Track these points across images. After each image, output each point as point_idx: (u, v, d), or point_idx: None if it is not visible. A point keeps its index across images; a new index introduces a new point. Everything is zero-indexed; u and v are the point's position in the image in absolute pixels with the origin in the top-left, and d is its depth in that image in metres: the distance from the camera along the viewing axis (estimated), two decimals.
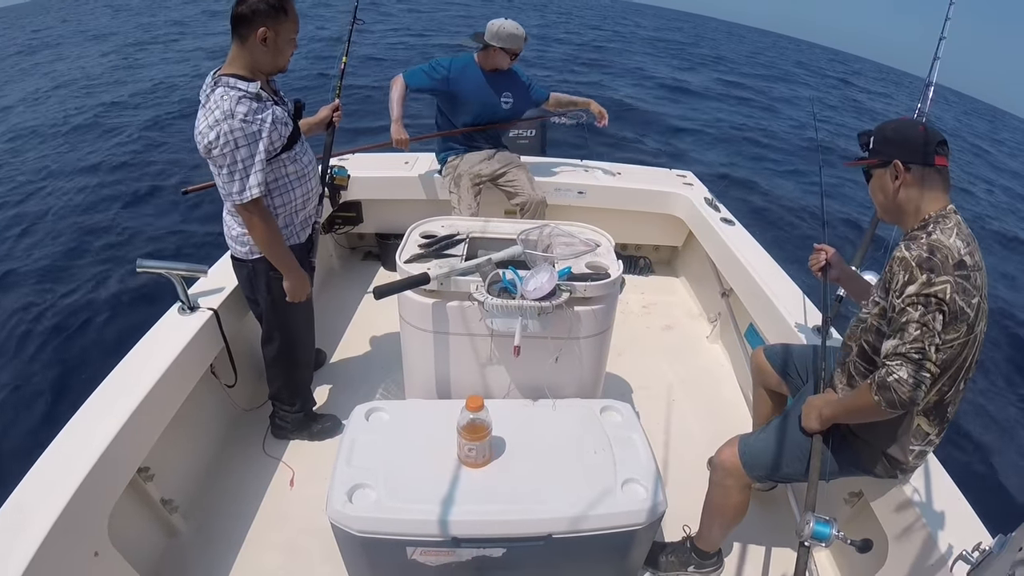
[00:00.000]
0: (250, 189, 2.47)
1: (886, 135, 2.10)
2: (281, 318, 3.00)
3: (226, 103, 2.36)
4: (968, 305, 1.90)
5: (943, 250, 1.89)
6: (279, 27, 2.45)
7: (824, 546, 2.04)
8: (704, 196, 4.97)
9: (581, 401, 2.63)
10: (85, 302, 6.07)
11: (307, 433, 3.36)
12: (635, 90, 20.24)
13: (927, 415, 2.15)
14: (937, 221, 2.00)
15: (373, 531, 1.99)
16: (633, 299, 5.03)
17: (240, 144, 2.39)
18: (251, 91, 2.43)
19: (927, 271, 1.87)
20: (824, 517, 2.03)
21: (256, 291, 2.92)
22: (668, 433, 3.53)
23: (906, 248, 1.95)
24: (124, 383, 2.53)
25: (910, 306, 1.88)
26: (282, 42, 2.50)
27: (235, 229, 2.75)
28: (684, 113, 17.99)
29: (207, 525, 2.88)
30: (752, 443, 2.49)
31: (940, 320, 1.87)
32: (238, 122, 2.36)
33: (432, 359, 2.69)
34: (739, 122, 18.08)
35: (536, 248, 2.71)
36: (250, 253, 2.77)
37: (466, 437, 2.12)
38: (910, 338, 1.87)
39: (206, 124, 2.37)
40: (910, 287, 1.89)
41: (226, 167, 2.42)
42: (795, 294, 3.59)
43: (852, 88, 37.92)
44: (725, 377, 4.21)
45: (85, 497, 2.07)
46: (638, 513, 2.09)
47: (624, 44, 36.69)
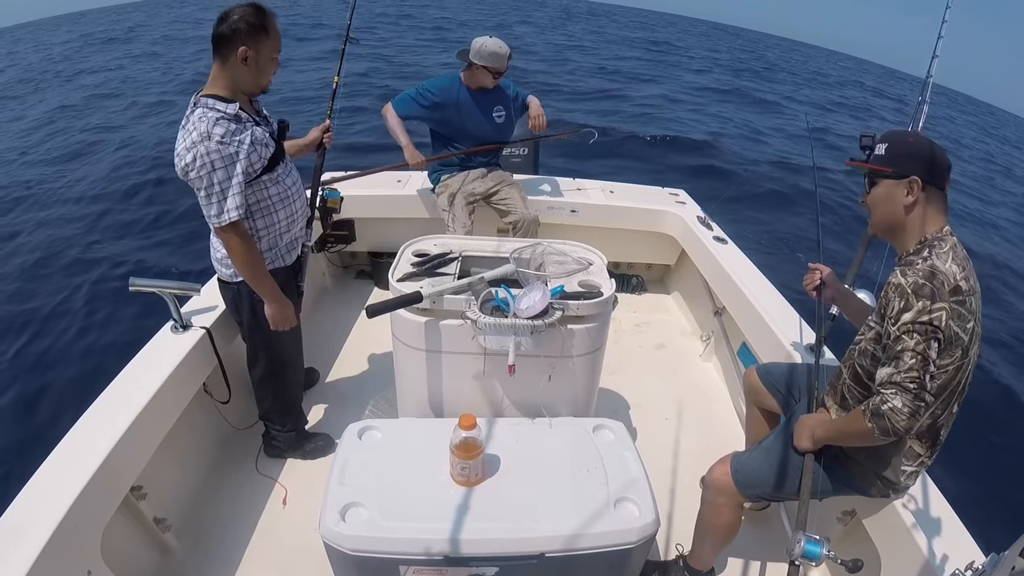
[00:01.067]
0: (227, 212, 2.45)
1: (907, 149, 2.03)
2: (266, 340, 2.98)
3: (203, 125, 2.35)
4: (963, 330, 1.90)
5: (939, 276, 1.88)
6: (260, 46, 2.45)
7: (814, 565, 2.05)
8: (697, 214, 4.98)
9: (574, 419, 2.63)
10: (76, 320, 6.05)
11: (300, 452, 3.35)
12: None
13: (920, 438, 2.14)
14: (933, 244, 1.99)
15: (366, 550, 1.98)
16: (626, 317, 5.03)
17: (217, 166, 2.38)
18: (229, 112, 2.42)
19: (924, 298, 1.86)
20: (815, 536, 2.03)
21: (240, 313, 2.91)
22: (661, 451, 3.53)
23: (902, 274, 1.95)
24: (117, 401, 2.53)
25: (906, 334, 1.88)
26: (263, 61, 2.50)
27: (219, 251, 2.74)
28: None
29: (200, 544, 2.87)
30: (745, 461, 2.49)
31: (936, 348, 1.86)
32: (215, 144, 2.35)
33: (425, 377, 2.69)
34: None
35: (529, 266, 2.71)
36: (234, 275, 2.76)
37: (459, 455, 2.12)
38: (906, 367, 1.87)
39: (183, 146, 2.37)
40: (906, 315, 1.88)
41: (203, 189, 2.42)
42: (788, 313, 3.60)
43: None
44: (718, 395, 4.21)
45: (78, 515, 2.06)
46: (631, 532, 2.09)
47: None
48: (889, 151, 2.05)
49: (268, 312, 2.80)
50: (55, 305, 6.29)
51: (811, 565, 2.06)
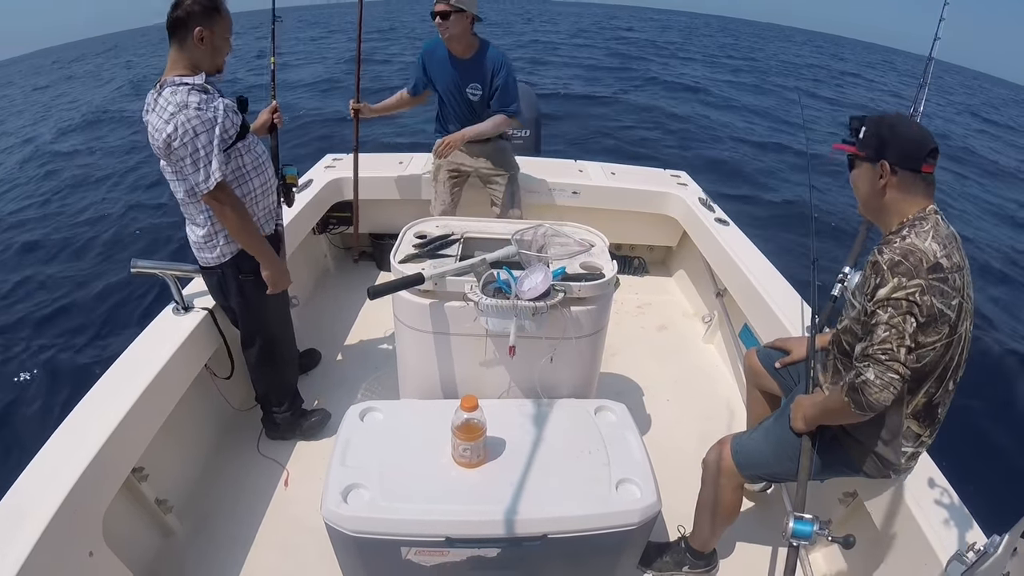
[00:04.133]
0: (213, 174, 2.47)
1: (880, 132, 2.04)
2: (258, 320, 3.00)
3: (177, 96, 2.39)
4: (947, 307, 1.90)
5: (916, 254, 1.89)
6: (214, 26, 2.50)
7: (808, 544, 2.05)
8: (698, 196, 4.97)
9: (576, 401, 2.63)
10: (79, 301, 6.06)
11: (299, 431, 3.36)
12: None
13: (917, 417, 2.14)
14: (913, 224, 1.99)
15: (367, 531, 1.99)
16: (628, 299, 5.03)
17: (199, 131, 2.41)
18: (198, 83, 2.47)
19: (899, 275, 1.87)
20: (805, 516, 2.04)
21: (228, 297, 2.92)
22: (662, 433, 3.54)
23: (879, 252, 1.96)
24: (118, 383, 2.53)
25: (880, 309, 1.89)
26: (218, 40, 2.55)
27: (198, 235, 2.74)
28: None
29: (202, 525, 2.88)
30: (744, 442, 2.50)
31: (912, 322, 1.87)
32: (193, 111, 2.39)
33: (427, 359, 2.69)
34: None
35: (530, 248, 2.70)
36: (220, 257, 2.76)
37: (461, 437, 2.12)
38: (878, 339, 1.88)
39: (161, 120, 2.40)
40: (881, 290, 1.89)
41: (188, 156, 2.43)
42: (790, 294, 3.59)
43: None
44: (719, 377, 4.22)
45: (80, 497, 2.07)
46: (632, 513, 2.09)
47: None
48: (866, 134, 2.07)
49: (265, 274, 2.82)
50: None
51: (805, 544, 2.06)
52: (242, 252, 2.77)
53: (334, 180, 4.78)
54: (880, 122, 2.06)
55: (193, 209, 2.67)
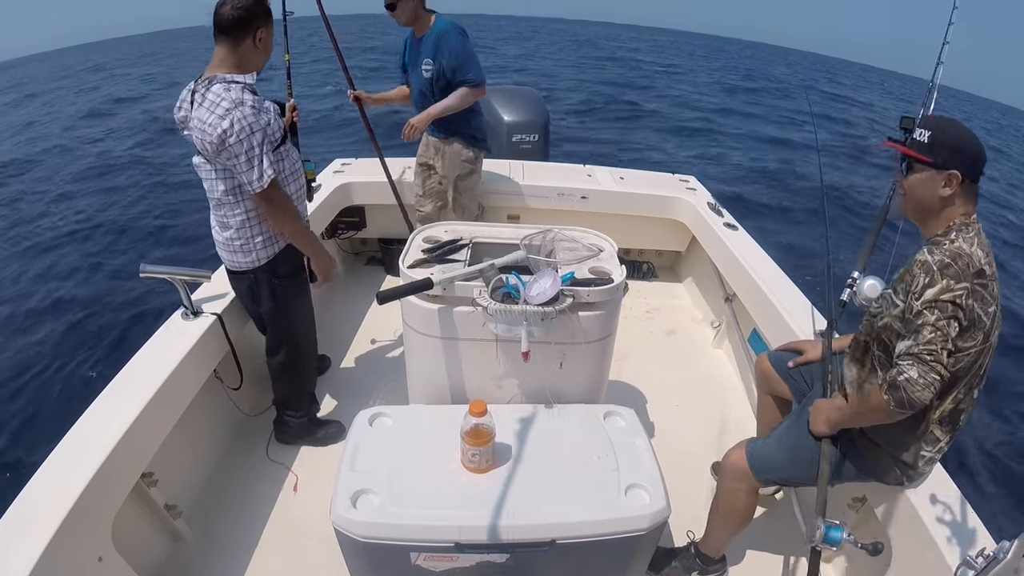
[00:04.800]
0: (266, 172, 2.50)
1: (950, 141, 1.99)
2: (287, 325, 3.02)
3: (232, 93, 2.40)
4: (985, 313, 1.92)
5: (964, 257, 1.90)
6: (270, 27, 2.55)
7: (834, 550, 2.05)
8: (707, 201, 4.97)
9: (584, 406, 2.63)
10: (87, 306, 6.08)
11: (311, 438, 3.36)
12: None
13: (941, 423, 2.15)
14: (960, 229, 1.98)
15: (377, 536, 1.99)
16: (636, 304, 5.02)
17: (255, 129, 2.42)
18: (249, 83, 2.49)
19: (948, 277, 1.87)
20: (835, 522, 2.05)
21: (259, 301, 2.93)
22: (671, 438, 3.53)
23: (928, 252, 1.95)
24: (127, 388, 2.54)
25: (927, 309, 1.88)
26: (270, 42, 2.59)
27: (230, 237, 2.75)
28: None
29: (211, 530, 2.89)
30: (760, 446, 2.50)
31: (955, 326, 1.87)
32: (248, 108, 2.40)
33: (435, 364, 2.68)
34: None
35: (539, 253, 2.71)
36: (255, 261, 2.78)
37: (469, 442, 2.12)
38: (923, 340, 1.87)
39: (215, 116, 2.39)
40: (929, 291, 1.89)
41: (243, 154, 2.44)
42: (799, 299, 3.59)
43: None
44: (728, 382, 4.21)
45: (89, 502, 2.08)
46: (641, 519, 2.08)
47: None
48: (932, 140, 2.00)
49: (317, 266, 2.90)
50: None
51: (831, 550, 2.07)
52: (278, 256, 2.81)
53: (343, 185, 4.79)
54: (946, 130, 2.01)
55: (228, 210, 2.68)
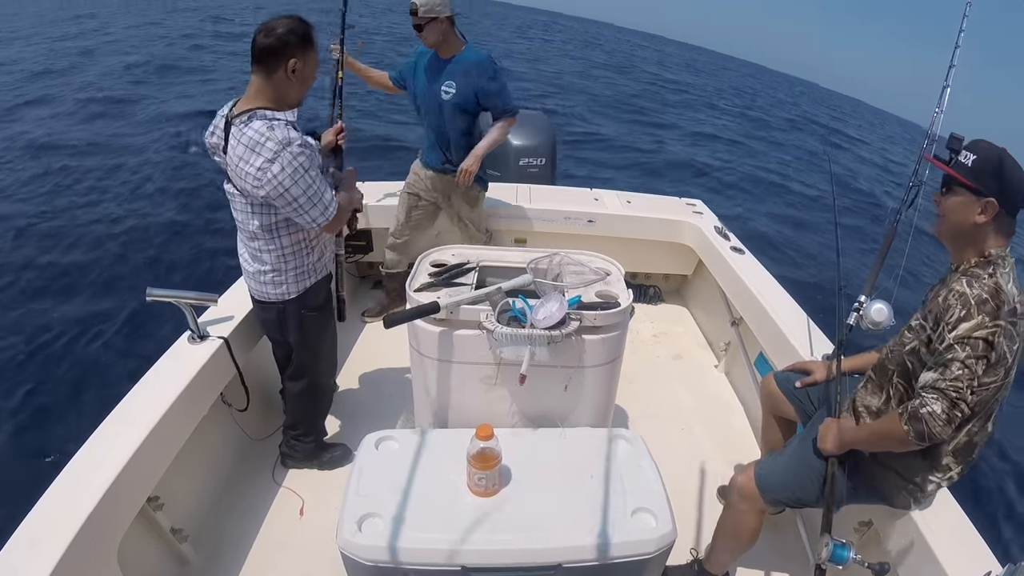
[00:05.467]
0: (330, 206, 2.51)
1: (994, 169, 1.95)
2: (312, 357, 3.03)
3: (278, 132, 2.32)
4: (1010, 351, 1.91)
5: (1001, 295, 1.88)
6: (307, 58, 2.43)
7: (841, 569, 2.04)
8: (714, 225, 4.98)
9: (591, 430, 2.63)
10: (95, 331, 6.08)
11: (317, 462, 3.36)
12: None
13: (955, 454, 2.15)
14: (997, 263, 1.96)
15: (383, 560, 1.98)
16: (643, 328, 5.02)
17: (307, 167, 2.38)
18: (291, 119, 2.43)
19: (984, 313, 1.86)
20: (841, 540, 2.04)
21: (286, 332, 2.93)
22: (678, 462, 3.51)
23: (968, 285, 1.92)
24: (134, 412, 2.54)
25: (959, 344, 1.87)
26: (308, 73, 2.47)
27: (262, 270, 2.73)
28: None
29: (217, 554, 2.88)
30: (768, 466, 2.51)
31: (983, 364, 1.86)
32: (296, 147, 2.34)
33: (442, 388, 2.69)
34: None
35: (546, 277, 2.72)
36: (285, 294, 2.77)
37: (476, 466, 2.12)
38: (952, 376, 1.86)
39: (264, 160, 2.32)
40: (964, 324, 1.87)
41: (303, 194, 2.41)
42: (806, 323, 3.58)
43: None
44: (735, 406, 4.20)
45: (95, 526, 2.08)
46: (648, 543, 2.08)
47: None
48: (976, 164, 1.98)
49: (348, 198, 2.82)
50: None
51: (837, 569, 2.06)
52: (308, 290, 2.80)
53: None
54: (994, 158, 1.97)
55: (263, 244, 2.64)
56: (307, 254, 2.74)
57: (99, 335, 6.01)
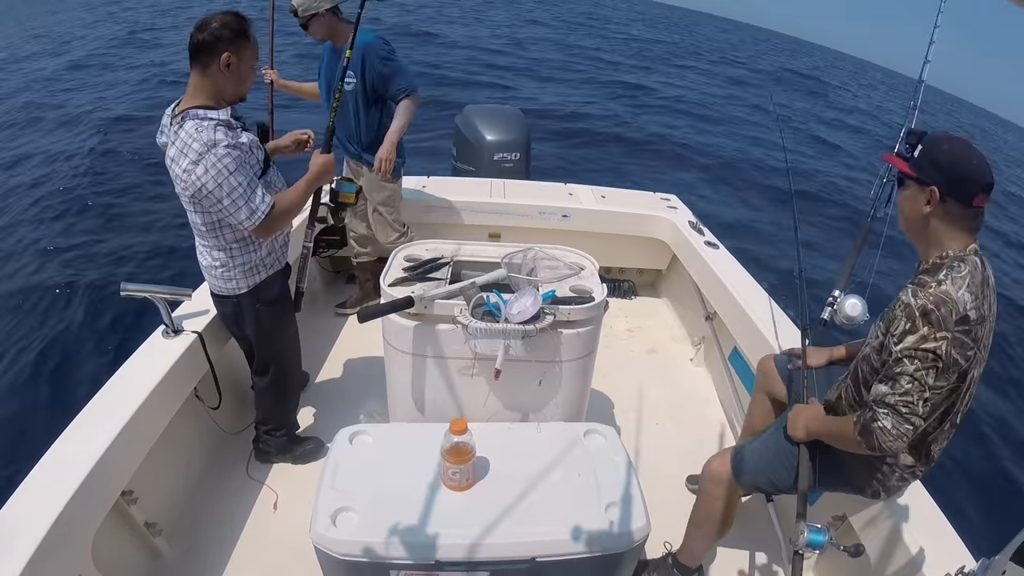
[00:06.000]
0: (259, 209, 2.46)
1: (937, 158, 1.94)
2: (274, 350, 3.02)
3: (204, 134, 2.32)
4: (963, 357, 1.90)
5: (948, 304, 1.85)
6: (241, 52, 2.43)
7: (817, 553, 2.06)
8: (688, 219, 5.00)
9: (565, 424, 2.64)
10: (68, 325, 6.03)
11: (290, 456, 3.35)
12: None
13: (914, 452, 2.17)
14: (952, 266, 1.93)
15: (356, 554, 1.98)
16: (617, 323, 5.04)
17: (231, 169, 2.36)
18: (222, 118, 2.41)
19: (929, 324, 1.84)
20: (816, 525, 2.06)
21: (243, 326, 2.92)
22: (652, 456, 3.53)
23: (913, 295, 1.90)
24: (108, 406, 2.53)
25: (907, 358, 1.87)
26: (245, 68, 2.48)
27: (213, 264, 2.72)
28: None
29: (191, 548, 2.87)
30: (743, 451, 2.53)
31: (933, 375, 1.86)
32: (222, 149, 2.33)
33: (416, 382, 2.69)
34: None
35: (520, 271, 2.72)
36: (236, 289, 2.76)
37: (450, 460, 2.13)
38: (901, 390, 1.87)
39: (189, 161, 2.33)
40: (909, 338, 1.87)
41: (227, 197, 2.39)
42: (780, 318, 3.61)
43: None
44: (709, 400, 4.22)
45: (69, 520, 2.06)
46: (621, 536, 2.09)
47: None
48: (921, 154, 1.99)
49: (319, 168, 2.79)
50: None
51: (814, 554, 2.08)
52: (260, 284, 2.79)
53: (323, 203, 4.76)
54: (938, 145, 1.98)
55: (208, 241, 2.65)
56: (254, 250, 2.72)
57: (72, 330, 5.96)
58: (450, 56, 23.11)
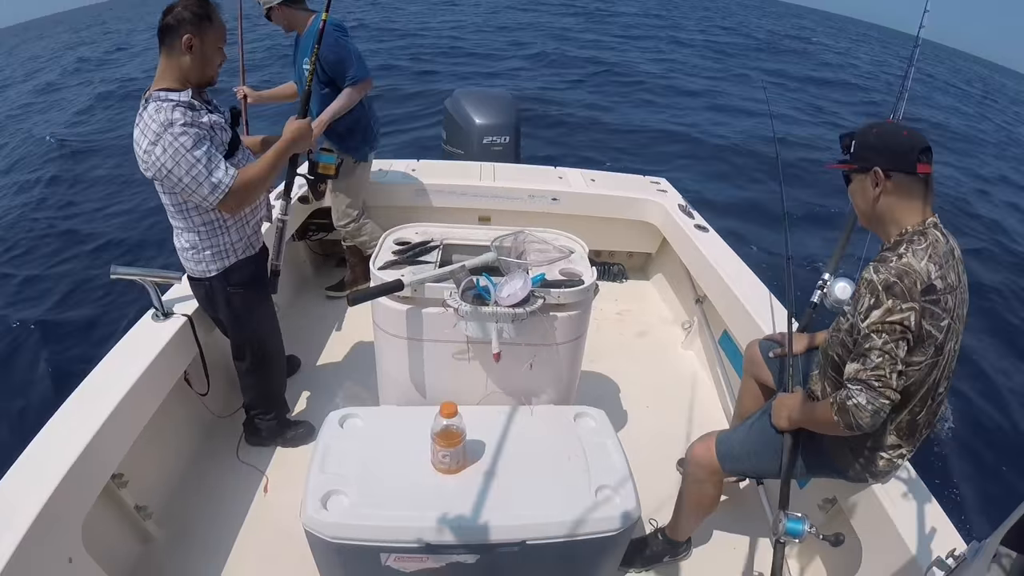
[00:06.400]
0: (221, 183, 2.44)
1: (868, 140, 2.04)
2: (247, 332, 3.01)
3: (162, 115, 2.34)
4: (936, 328, 1.92)
5: (911, 275, 1.87)
6: (204, 35, 2.44)
7: (798, 542, 2.07)
8: (678, 203, 4.99)
9: (555, 407, 2.64)
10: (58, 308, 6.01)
11: (281, 440, 3.35)
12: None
13: (898, 432, 2.17)
14: (912, 240, 1.97)
15: (347, 537, 1.99)
16: (607, 306, 5.04)
17: (189, 146, 2.36)
18: (183, 99, 2.41)
19: (893, 297, 1.86)
20: (796, 514, 2.07)
21: (217, 309, 2.91)
22: (642, 439, 3.54)
23: (875, 271, 1.93)
24: (98, 389, 2.52)
25: (874, 333, 1.89)
26: (208, 50, 2.49)
27: (184, 246, 2.72)
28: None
29: (181, 531, 2.87)
30: (728, 438, 2.54)
31: (904, 347, 1.88)
32: (178, 128, 2.34)
33: (406, 365, 2.69)
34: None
35: (510, 255, 2.71)
36: (205, 271, 2.75)
37: (440, 443, 2.13)
38: (872, 365, 1.88)
39: (148, 142, 2.34)
40: (875, 312, 1.89)
41: (186, 175, 2.38)
42: (770, 301, 3.61)
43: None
44: (699, 383, 4.23)
45: (59, 503, 2.06)
46: (612, 519, 2.10)
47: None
48: (855, 146, 2.07)
49: (293, 134, 2.74)
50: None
51: (795, 543, 2.09)
52: (230, 268, 2.77)
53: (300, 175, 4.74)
54: (866, 131, 2.07)
55: (180, 221, 2.64)
56: (222, 233, 2.70)
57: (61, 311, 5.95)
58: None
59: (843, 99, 21.49)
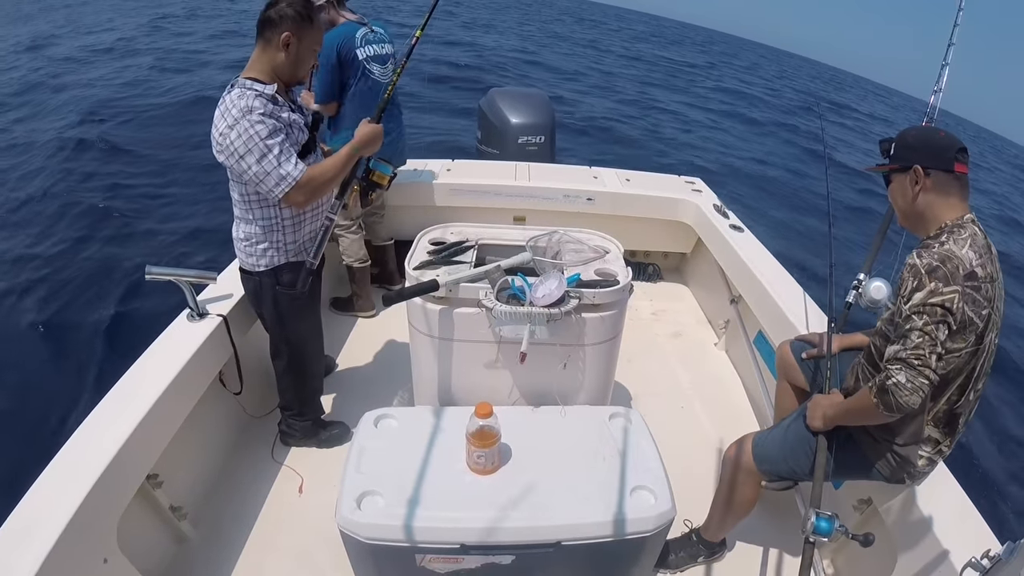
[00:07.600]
0: (289, 175, 2.45)
1: (907, 141, 2.10)
2: (288, 332, 3.00)
3: (243, 101, 2.35)
4: (977, 316, 1.91)
5: (954, 260, 1.90)
6: (303, 34, 2.47)
7: (827, 541, 2.06)
8: (713, 203, 4.96)
9: (590, 408, 2.63)
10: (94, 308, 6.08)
11: (315, 440, 3.36)
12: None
13: (937, 424, 2.16)
14: (952, 231, 2.00)
15: (382, 538, 1.99)
16: (642, 306, 5.02)
17: (263, 135, 2.37)
18: (267, 92, 2.44)
19: (936, 279, 1.88)
20: (825, 513, 2.05)
21: (262, 305, 2.92)
22: (677, 440, 3.51)
23: (917, 256, 1.96)
24: (133, 390, 2.54)
25: (915, 314, 1.90)
26: (304, 50, 2.51)
27: (241, 239, 2.74)
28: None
29: (215, 532, 2.89)
30: (764, 439, 2.54)
31: (944, 330, 1.88)
32: (256, 116, 2.36)
33: (441, 366, 2.69)
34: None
35: (545, 255, 2.70)
36: (256, 265, 2.76)
37: (475, 444, 2.12)
38: (912, 344, 1.89)
39: (225, 124, 2.36)
40: (917, 294, 1.90)
41: (256, 163, 2.40)
42: (806, 301, 3.58)
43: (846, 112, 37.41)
44: (734, 384, 4.20)
45: (94, 503, 2.08)
46: (647, 520, 2.09)
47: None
48: (895, 148, 2.14)
49: (365, 137, 2.70)
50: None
51: (824, 541, 2.07)
52: (280, 267, 2.78)
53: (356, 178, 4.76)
54: (905, 134, 2.14)
55: (240, 213, 2.68)
56: (278, 230, 2.70)
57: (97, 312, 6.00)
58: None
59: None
